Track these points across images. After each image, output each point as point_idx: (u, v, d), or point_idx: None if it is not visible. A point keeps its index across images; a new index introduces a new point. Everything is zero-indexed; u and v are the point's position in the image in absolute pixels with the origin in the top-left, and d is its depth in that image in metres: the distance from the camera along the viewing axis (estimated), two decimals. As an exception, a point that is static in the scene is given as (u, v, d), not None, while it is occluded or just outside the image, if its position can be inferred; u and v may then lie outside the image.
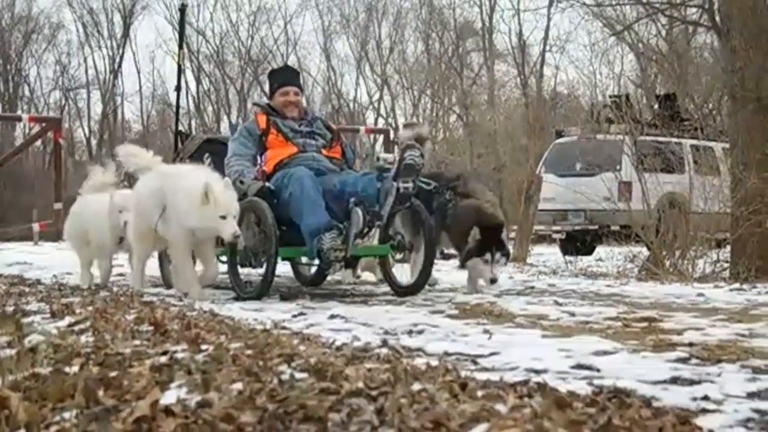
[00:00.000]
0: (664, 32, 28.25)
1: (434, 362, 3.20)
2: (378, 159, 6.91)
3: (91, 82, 42.57)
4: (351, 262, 7.57)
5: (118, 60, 42.41)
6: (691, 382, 3.04)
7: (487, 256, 6.88)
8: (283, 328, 4.60)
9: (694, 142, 15.58)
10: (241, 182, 6.80)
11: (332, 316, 5.36)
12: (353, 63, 42.88)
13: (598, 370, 3.32)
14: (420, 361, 3.25)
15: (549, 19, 37.13)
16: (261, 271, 6.73)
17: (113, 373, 2.89)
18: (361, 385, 2.55)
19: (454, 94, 40.11)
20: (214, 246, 6.89)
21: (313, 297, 6.75)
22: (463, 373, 2.93)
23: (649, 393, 2.73)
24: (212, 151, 8.28)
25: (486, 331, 4.53)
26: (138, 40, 46.25)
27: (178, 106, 10.37)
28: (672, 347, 3.92)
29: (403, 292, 6.99)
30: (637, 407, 2.35)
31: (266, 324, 4.69)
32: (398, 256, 7.17)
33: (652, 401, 2.53)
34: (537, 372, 3.22)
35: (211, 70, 42.03)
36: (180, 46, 10.08)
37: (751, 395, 2.79)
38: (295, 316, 5.51)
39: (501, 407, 2.29)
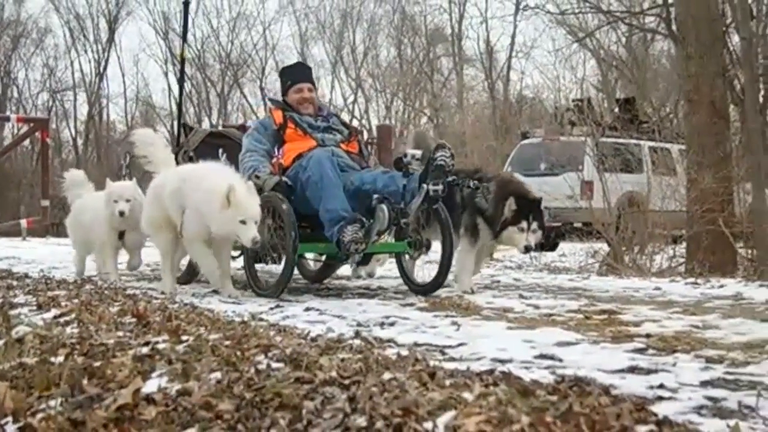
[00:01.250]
0: (623, 39, 28.35)
1: (404, 352, 3.20)
2: (405, 155, 6.47)
3: (78, 85, 42.18)
4: (366, 259, 6.98)
5: (103, 63, 42.02)
6: (648, 371, 3.06)
7: (523, 224, 6.52)
8: (260, 320, 4.59)
9: (652, 143, 15.72)
10: (257, 177, 6.41)
11: (307, 309, 5.36)
12: (329, 67, 42.66)
13: (560, 360, 3.33)
14: (391, 352, 3.25)
15: (515, 27, 37.10)
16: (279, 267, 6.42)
17: (97, 363, 2.87)
18: (334, 374, 2.54)
19: (425, 97, 40.14)
20: (231, 248, 6.55)
21: (289, 290, 6.73)
22: (431, 363, 2.93)
23: (607, 381, 2.74)
24: (218, 145, 7.96)
25: (454, 323, 4.54)
26: (122, 44, 45.92)
27: (180, 99, 10.07)
28: (630, 338, 3.94)
29: (419, 290, 6.60)
30: (597, 395, 2.36)
31: (244, 316, 4.67)
32: (414, 254, 6.78)
33: (610, 389, 2.54)
34: (502, 362, 3.23)
35: (193, 74, 41.68)
36: (183, 39, 9.90)
37: (704, 383, 2.81)
38: (271, 308, 5.50)
39: (467, 395, 2.29)
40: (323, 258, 7.44)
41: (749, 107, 11.53)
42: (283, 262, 6.32)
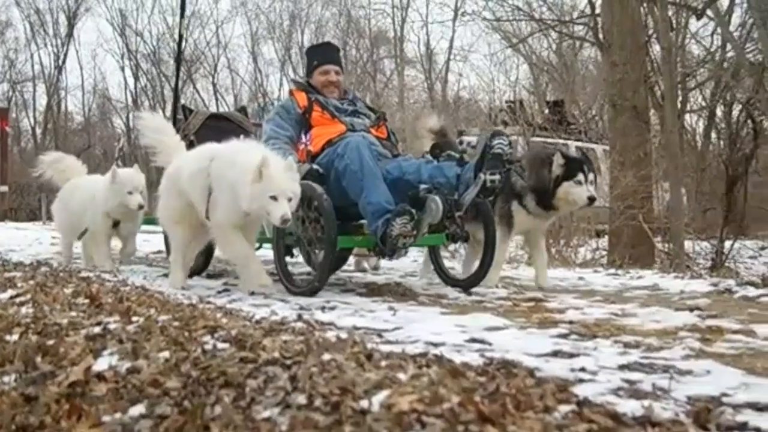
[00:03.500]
0: (554, 46, 28.53)
1: (344, 335, 3.19)
2: (461, 142, 5.84)
3: (37, 76, 41.51)
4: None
5: (62, 57, 41.38)
6: (570, 355, 3.08)
7: (579, 176, 5.76)
8: (208, 302, 4.54)
9: (579, 143, 15.90)
10: None
11: (253, 293, 5.31)
12: (278, 65, 42.51)
13: (490, 344, 3.34)
14: (331, 334, 3.23)
15: (454, 31, 37.32)
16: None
17: (50, 342, 2.84)
18: (277, 354, 2.53)
19: (368, 96, 40.09)
20: (257, 231, 5.56)
21: (237, 276, 6.69)
22: (369, 345, 2.92)
23: (533, 364, 2.75)
24: (219, 128, 7.14)
25: (391, 308, 4.54)
26: (81, 39, 45.55)
27: (177, 78, 9.49)
28: (555, 324, 3.97)
29: (455, 285, 5.96)
30: (523, 377, 2.37)
31: (192, 299, 4.64)
32: (452, 247, 6.15)
33: (535, 372, 2.55)
34: (435, 345, 3.23)
35: (149, 68, 41.26)
36: (181, 16, 9.59)
37: (621, 367, 2.84)
38: (219, 292, 5.47)
39: (402, 376, 2.29)
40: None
41: (668, 112, 11.71)
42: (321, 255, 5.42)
